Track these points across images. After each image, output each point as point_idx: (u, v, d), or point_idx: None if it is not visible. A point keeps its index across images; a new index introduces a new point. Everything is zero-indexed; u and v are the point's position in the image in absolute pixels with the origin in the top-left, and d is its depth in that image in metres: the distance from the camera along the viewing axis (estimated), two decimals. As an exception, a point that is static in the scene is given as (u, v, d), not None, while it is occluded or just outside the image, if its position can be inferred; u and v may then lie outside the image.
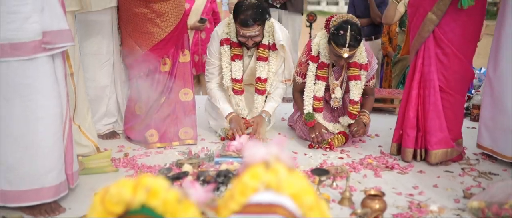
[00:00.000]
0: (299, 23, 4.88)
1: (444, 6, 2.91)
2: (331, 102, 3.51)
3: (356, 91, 3.38)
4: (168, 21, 3.32)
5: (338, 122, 3.51)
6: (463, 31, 2.96)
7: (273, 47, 3.52)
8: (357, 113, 3.42)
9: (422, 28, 3.01)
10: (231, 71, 3.55)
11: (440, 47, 2.99)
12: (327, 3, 22.70)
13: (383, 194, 2.33)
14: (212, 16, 5.59)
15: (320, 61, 3.39)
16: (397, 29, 4.86)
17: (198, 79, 5.53)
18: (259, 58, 3.54)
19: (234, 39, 3.50)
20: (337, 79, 3.45)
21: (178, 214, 1.18)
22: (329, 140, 3.37)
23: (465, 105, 3.73)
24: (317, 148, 3.37)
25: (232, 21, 3.48)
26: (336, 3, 22.39)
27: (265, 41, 3.50)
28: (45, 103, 2.26)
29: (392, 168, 3.02)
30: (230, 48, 3.53)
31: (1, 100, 2.21)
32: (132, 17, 3.32)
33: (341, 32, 3.10)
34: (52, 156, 2.30)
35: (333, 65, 3.45)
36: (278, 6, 4.71)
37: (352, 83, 3.38)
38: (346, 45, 3.10)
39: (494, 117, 3.09)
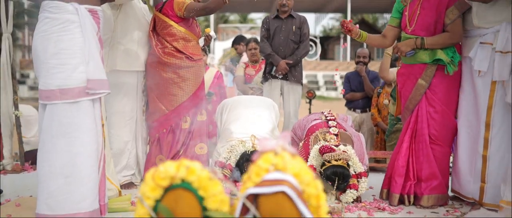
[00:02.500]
0: (299, 92, 5.31)
1: (431, 72, 3.43)
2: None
3: (349, 199, 3.46)
4: (190, 86, 3.87)
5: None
6: (448, 89, 3.45)
7: None
8: None
9: (414, 92, 3.48)
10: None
11: (432, 106, 3.45)
12: (326, 89, 23.62)
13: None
14: (218, 91, 6.02)
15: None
16: (385, 102, 5.25)
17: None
18: None
19: (229, 163, 3.68)
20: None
21: (209, 188, 1.56)
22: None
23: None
24: None
25: (236, 150, 3.68)
26: (335, 89, 23.25)
27: None
28: (85, 140, 2.66)
29: (383, 209, 3.36)
30: (222, 170, 3.71)
31: (48, 136, 2.63)
32: (160, 81, 3.84)
33: (329, 182, 3.36)
34: (88, 186, 2.67)
35: None
36: (280, 77, 5.18)
37: (346, 191, 3.49)
38: (333, 190, 3.39)
39: (457, 162, 3.51)
